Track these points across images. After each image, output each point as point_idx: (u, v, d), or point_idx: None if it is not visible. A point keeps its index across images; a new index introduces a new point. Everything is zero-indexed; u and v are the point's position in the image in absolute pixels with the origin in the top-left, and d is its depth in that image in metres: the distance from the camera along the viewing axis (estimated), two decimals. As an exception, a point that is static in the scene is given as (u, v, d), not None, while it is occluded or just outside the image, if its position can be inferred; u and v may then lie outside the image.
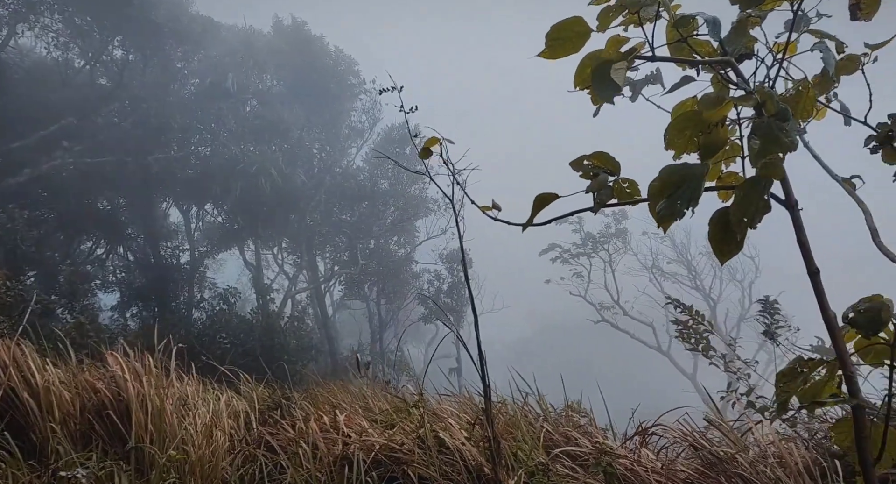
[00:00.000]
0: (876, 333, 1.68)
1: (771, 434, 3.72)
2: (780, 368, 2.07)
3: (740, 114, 1.78)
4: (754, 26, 1.77)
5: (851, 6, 1.60)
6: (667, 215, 1.78)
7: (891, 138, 1.99)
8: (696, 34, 1.76)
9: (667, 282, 31.65)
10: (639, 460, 3.31)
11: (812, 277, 1.86)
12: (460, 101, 61.06)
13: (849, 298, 1.86)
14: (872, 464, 1.61)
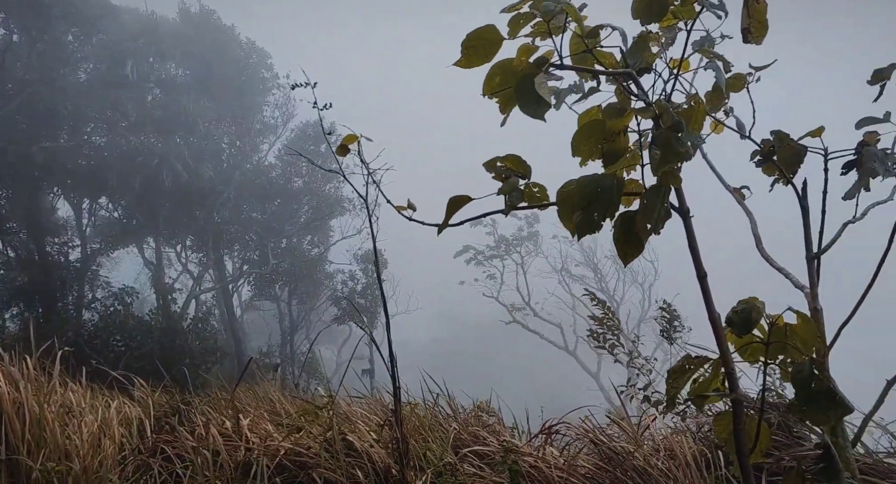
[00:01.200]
0: (748, 332, 1.81)
1: (664, 428, 3.95)
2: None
3: (640, 124, 1.87)
4: (654, 42, 1.87)
5: (743, 30, 1.72)
6: (585, 228, 1.85)
7: (772, 153, 2.16)
8: (601, 46, 1.83)
9: (575, 284, 32.93)
10: (543, 458, 3.41)
11: (700, 280, 1.98)
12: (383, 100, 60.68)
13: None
14: (747, 454, 1.74)
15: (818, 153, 2.15)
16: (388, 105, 60.19)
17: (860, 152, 2.12)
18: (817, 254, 2.18)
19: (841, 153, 2.17)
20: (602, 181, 1.83)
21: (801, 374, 1.66)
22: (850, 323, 2.22)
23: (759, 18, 1.66)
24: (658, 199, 1.80)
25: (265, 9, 60.19)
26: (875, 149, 2.13)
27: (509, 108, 2.06)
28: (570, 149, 2.01)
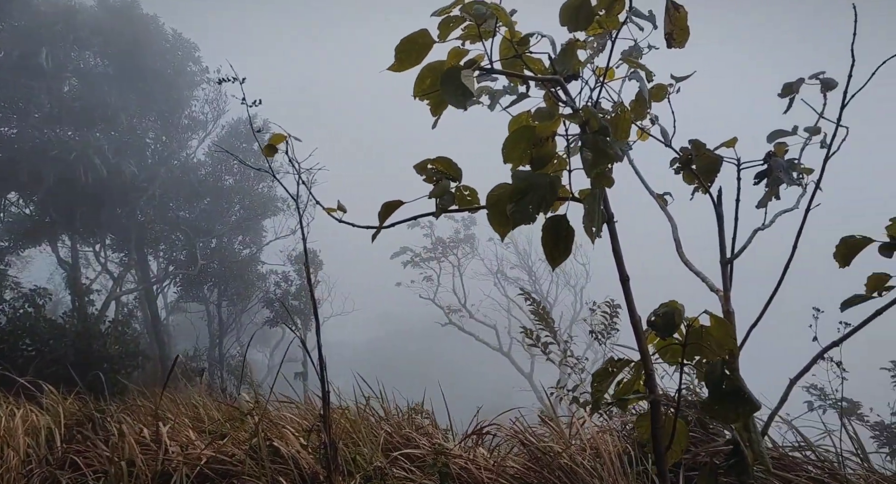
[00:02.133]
0: (671, 335, 1.88)
1: (591, 428, 4.06)
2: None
3: (568, 130, 1.91)
4: (582, 49, 1.91)
5: (666, 36, 1.79)
6: (519, 218, 1.86)
7: (690, 161, 2.25)
8: (530, 52, 1.85)
9: (510, 286, 33.47)
10: (473, 459, 3.43)
11: (623, 283, 2.04)
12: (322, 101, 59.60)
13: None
14: (664, 451, 1.80)
15: (732, 163, 2.26)
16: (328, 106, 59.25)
17: (769, 163, 2.25)
18: (730, 259, 2.29)
19: (752, 163, 2.29)
20: (536, 177, 1.86)
21: (713, 374, 1.73)
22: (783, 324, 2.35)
23: (680, 25, 1.73)
24: (595, 201, 1.84)
25: (193, 1, 57.96)
26: (781, 160, 2.26)
27: (440, 110, 2.06)
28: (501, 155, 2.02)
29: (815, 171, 2.46)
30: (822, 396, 7.93)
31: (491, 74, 1.84)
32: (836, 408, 7.02)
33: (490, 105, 2.94)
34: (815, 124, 2.39)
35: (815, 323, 5.15)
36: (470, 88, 1.59)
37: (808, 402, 8.07)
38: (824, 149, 2.19)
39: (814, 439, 4.46)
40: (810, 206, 2.14)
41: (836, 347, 2.28)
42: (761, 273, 2.58)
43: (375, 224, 2.30)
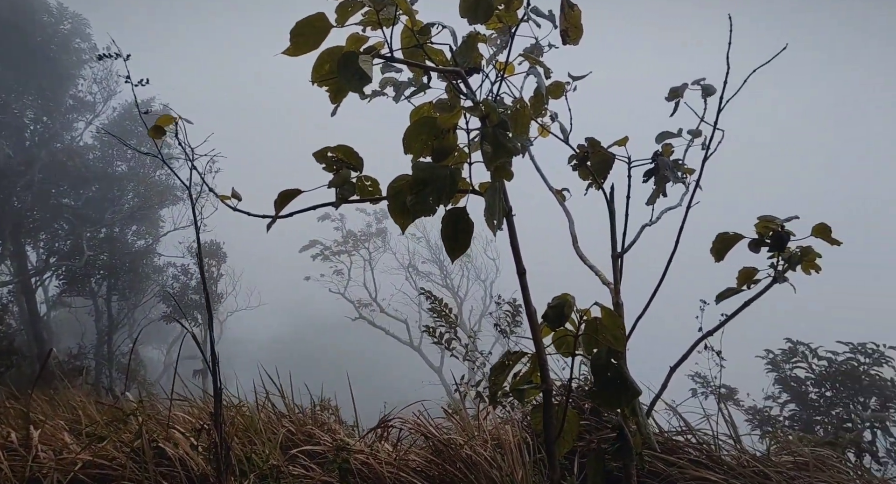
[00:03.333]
0: (561, 325, 1.94)
1: (494, 419, 4.14)
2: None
3: (469, 123, 1.92)
4: (483, 43, 1.92)
5: (561, 33, 1.83)
6: (419, 209, 1.85)
7: (586, 158, 2.34)
8: (432, 42, 1.84)
9: (421, 280, 33.62)
10: (375, 454, 3.39)
11: (519, 276, 2.09)
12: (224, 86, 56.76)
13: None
14: (554, 439, 1.86)
15: (623, 161, 2.37)
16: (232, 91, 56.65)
17: (656, 162, 2.38)
18: (620, 253, 2.40)
19: (642, 162, 2.41)
20: (437, 169, 1.86)
21: (599, 362, 1.80)
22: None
23: (574, 23, 1.78)
24: (495, 194, 1.86)
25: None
26: (667, 159, 2.40)
27: (341, 97, 2.00)
28: (402, 146, 2.00)
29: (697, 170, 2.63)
30: (704, 384, 8.57)
31: (393, 64, 1.81)
32: (715, 394, 7.61)
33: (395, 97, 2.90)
34: (697, 127, 2.55)
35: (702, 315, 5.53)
36: (368, 73, 1.55)
37: (693, 389, 8.71)
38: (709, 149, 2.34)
39: (695, 424, 4.80)
40: (690, 203, 2.28)
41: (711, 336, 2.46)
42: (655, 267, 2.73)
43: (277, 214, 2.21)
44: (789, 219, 2.19)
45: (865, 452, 5.37)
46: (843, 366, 6.92)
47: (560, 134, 2.71)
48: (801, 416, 7.42)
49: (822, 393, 7.15)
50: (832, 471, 3.95)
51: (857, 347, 6.92)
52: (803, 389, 7.47)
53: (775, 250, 2.22)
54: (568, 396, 1.98)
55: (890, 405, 6.56)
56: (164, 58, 49.84)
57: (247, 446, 3.46)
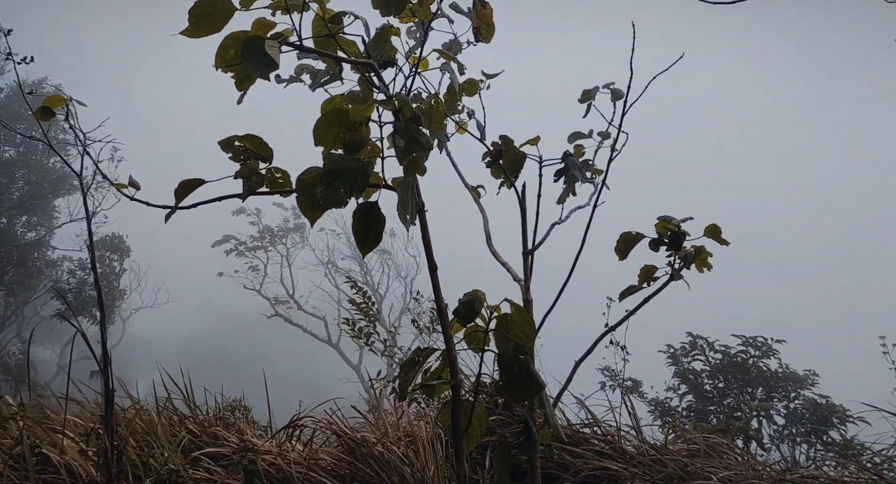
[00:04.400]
0: (471, 321, 1.96)
1: (408, 416, 4.14)
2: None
3: (382, 117, 1.89)
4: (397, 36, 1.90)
5: (474, 30, 1.84)
6: (330, 200, 1.80)
7: (499, 157, 2.37)
8: (344, 32, 1.80)
9: (341, 277, 33.11)
10: (284, 454, 3.30)
11: (431, 272, 2.09)
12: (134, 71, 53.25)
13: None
14: (462, 434, 1.88)
15: (535, 160, 2.43)
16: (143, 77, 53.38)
17: (566, 161, 2.45)
18: (531, 250, 2.46)
19: (552, 161, 2.48)
20: (349, 161, 1.82)
21: (506, 357, 1.83)
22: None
23: (486, 21, 1.80)
24: (408, 189, 1.85)
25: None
26: (576, 159, 2.48)
27: (247, 84, 1.92)
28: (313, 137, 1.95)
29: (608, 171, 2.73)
30: (612, 377, 8.96)
31: (302, 52, 1.75)
32: (622, 387, 7.98)
33: (311, 85, 2.83)
34: (606, 130, 2.65)
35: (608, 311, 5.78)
36: (275, 60, 1.49)
37: (602, 382, 9.09)
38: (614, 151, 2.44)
39: (602, 416, 5.01)
40: (597, 203, 2.37)
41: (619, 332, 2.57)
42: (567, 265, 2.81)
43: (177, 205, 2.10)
44: (685, 220, 2.31)
45: (752, 438, 5.81)
46: (736, 358, 7.45)
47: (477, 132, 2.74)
48: (697, 406, 7.91)
49: (715, 384, 7.66)
50: (721, 457, 4.23)
51: (748, 340, 7.47)
52: (700, 381, 7.96)
53: (672, 249, 2.34)
54: (476, 391, 2.01)
55: (774, 395, 7.13)
56: (71, 39, 46.32)
57: (144, 450, 3.27)
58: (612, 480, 3.76)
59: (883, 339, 6.38)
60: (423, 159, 1.80)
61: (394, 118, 1.82)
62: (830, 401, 6.71)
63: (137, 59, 52.76)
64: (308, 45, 1.75)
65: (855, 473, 3.89)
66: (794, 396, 7.07)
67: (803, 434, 6.54)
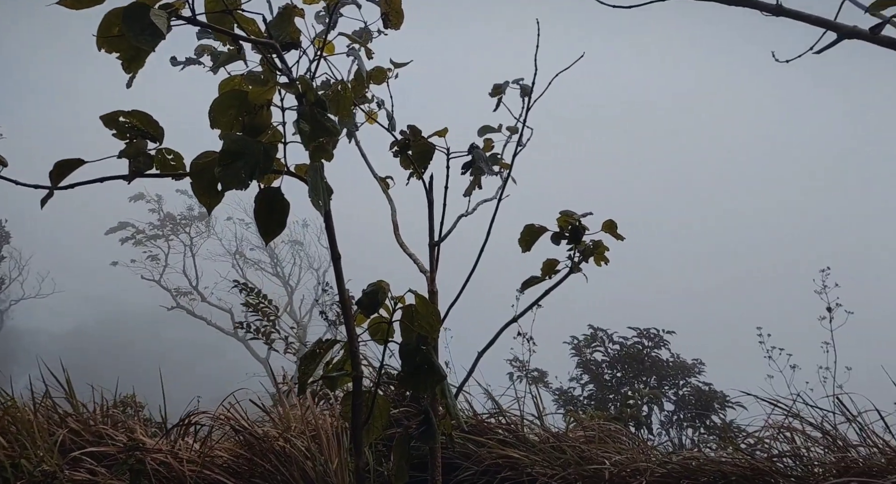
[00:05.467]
0: (375, 312, 1.94)
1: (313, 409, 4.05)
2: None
3: (284, 101, 1.82)
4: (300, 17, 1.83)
5: (383, 16, 1.81)
6: (229, 181, 1.70)
7: (407, 147, 2.36)
8: (243, 9, 1.71)
9: (250, 268, 31.94)
10: (175, 452, 3.14)
11: (334, 262, 2.04)
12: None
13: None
14: (361, 427, 1.86)
15: (443, 152, 2.43)
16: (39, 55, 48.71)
17: (473, 154, 2.48)
18: (437, 242, 2.47)
19: (460, 154, 2.50)
20: (250, 143, 1.74)
21: (408, 348, 1.83)
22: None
23: (395, 7, 1.78)
24: (317, 175, 1.79)
25: None
26: (482, 152, 2.52)
27: (136, 65, 1.78)
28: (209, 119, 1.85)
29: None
30: (520, 368, 9.24)
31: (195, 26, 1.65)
32: (528, 377, 8.24)
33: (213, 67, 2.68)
34: (515, 124, 2.71)
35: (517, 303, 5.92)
36: (161, 29, 1.39)
37: (510, 373, 9.35)
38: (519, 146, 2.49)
39: (508, 405, 5.15)
40: (501, 196, 2.42)
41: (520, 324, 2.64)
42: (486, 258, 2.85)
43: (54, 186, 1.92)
44: (585, 215, 2.40)
45: (643, 424, 6.18)
46: (632, 349, 7.89)
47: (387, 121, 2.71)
48: (597, 395, 8.32)
49: (614, 374, 8.08)
50: (615, 442, 4.47)
51: (643, 332, 7.94)
52: (600, 370, 8.37)
53: (573, 243, 2.43)
54: (378, 383, 1.99)
55: (665, 383, 7.62)
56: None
57: (17, 451, 3.00)
58: (513, 467, 3.87)
59: (759, 329, 6.96)
60: (330, 145, 1.75)
61: (298, 103, 1.76)
62: (713, 388, 7.26)
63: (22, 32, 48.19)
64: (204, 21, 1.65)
65: (731, 453, 4.22)
66: (682, 383, 7.59)
67: (689, 419, 7.04)
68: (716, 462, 3.78)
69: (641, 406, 6.63)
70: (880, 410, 3.98)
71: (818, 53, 1.59)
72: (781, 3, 1.59)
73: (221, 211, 29.08)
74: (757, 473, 3.49)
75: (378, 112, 2.75)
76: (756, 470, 3.52)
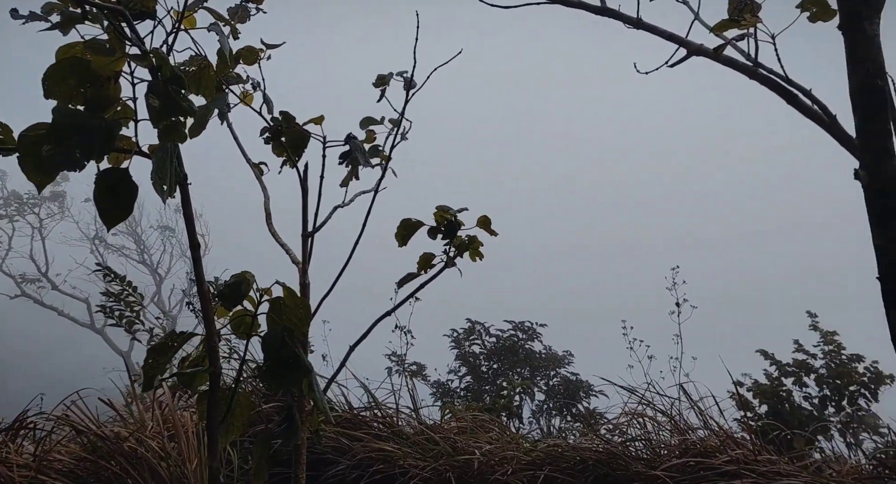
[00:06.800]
0: (237, 305, 1.84)
1: (171, 406, 3.79)
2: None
3: (134, 72, 1.66)
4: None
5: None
6: (60, 161, 1.52)
7: (280, 133, 2.25)
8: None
9: (111, 254, 29.31)
10: (4, 457, 2.79)
11: (193, 250, 1.91)
12: None
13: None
14: (216, 425, 1.75)
15: (319, 140, 2.35)
16: None
17: (350, 144, 2.42)
18: (311, 233, 2.39)
19: (336, 143, 2.43)
20: (86, 119, 1.56)
21: (272, 342, 1.75)
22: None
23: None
24: (166, 158, 1.64)
25: None
26: (358, 142, 2.47)
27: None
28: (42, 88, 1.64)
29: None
30: (399, 362, 9.28)
31: None
32: (407, 371, 8.29)
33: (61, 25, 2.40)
34: (398, 117, 2.68)
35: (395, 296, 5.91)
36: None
37: (389, 367, 9.36)
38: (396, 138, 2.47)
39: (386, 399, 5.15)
40: (378, 188, 2.39)
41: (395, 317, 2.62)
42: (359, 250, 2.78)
43: None
44: (461, 210, 2.43)
45: (514, 414, 6.45)
46: (507, 342, 8.19)
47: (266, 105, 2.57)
48: (474, 386, 8.55)
49: (490, 366, 8.35)
50: (487, 433, 4.62)
51: (518, 325, 8.27)
52: (478, 363, 8.61)
53: (448, 238, 2.45)
54: (238, 379, 1.89)
55: (537, 374, 8.00)
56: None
57: None
58: (386, 460, 3.87)
59: (624, 322, 7.50)
60: (184, 125, 1.62)
61: (152, 77, 1.61)
62: (580, 378, 7.73)
63: None
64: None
65: (592, 439, 4.52)
66: (553, 374, 8.01)
67: (557, 408, 7.45)
68: (576, 448, 4.02)
69: (514, 397, 6.91)
70: (716, 397, 4.44)
71: (671, 67, 1.70)
72: (641, 17, 1.68)
73: (78, 191, 26.47)
74: (612, 457, 3.75)
75: (254, 94, 2.60)
76: (611, 454, 3.78)
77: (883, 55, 1.58)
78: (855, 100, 1.63)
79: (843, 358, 5.36)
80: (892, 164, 1.59)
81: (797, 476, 3.20)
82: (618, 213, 30.88)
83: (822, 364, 5.41)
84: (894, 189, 1.59)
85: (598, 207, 31.32)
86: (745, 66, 1.77)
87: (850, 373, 5.22)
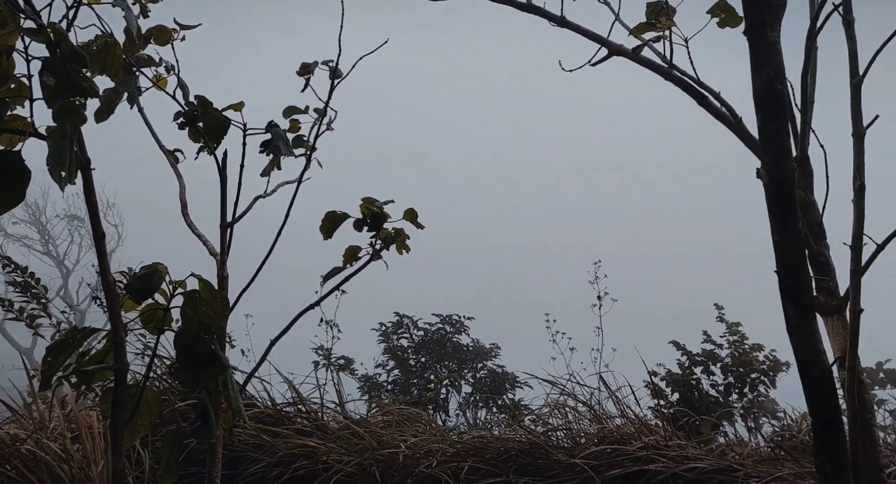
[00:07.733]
0: (147, 298, 1.74)
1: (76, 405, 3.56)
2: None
3: (28, 47, 1.53)
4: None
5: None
6: None
7: (196, 119, 2.14)
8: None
9: (13, 245, 27.17)
10: None
11: (97, 241, 1.80)
12: None
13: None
14: (122, 425, 1.66)
15: (239, 127, 2.26)
16: None
17: (271, 133, 2.35)
18: (230, 223, 2.30)
19: (257, 131, 2.34)
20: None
21: (186, 338, 1.67)
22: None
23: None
24: (65, 141, 1.52)
25: None
26: (280, 130, 2.39)
27: None
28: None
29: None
30: (325, 356, 9.13)
31: None
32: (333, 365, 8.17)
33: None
34: (323, 107, 2.62)
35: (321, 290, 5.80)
36: None
37: (315, 362, 9.19)
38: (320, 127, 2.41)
39: (309, 394, 5.06)
40: (301, 178, 2.33)
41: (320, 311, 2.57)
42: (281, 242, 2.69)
43: None
44: (387, 202, 2.41)
45: (441, 407, 6.50)
46: (435, 335, 8.23)
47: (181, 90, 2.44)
48: (402, 380, 8.54)
49: (418, 359, 8.36)
50: (414, 426, 4.63)
51: (445, 318, 8.32)
52: (406, 356, 8.60)
53: (374, 230, 2.43)
54: (147, 377, 1.79)
55: (464, 366, 8.08)
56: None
57: None
58: (309, 456, 3.80)
59: (547, 315, 7.69)
60: (84, 107, 1.51)
61: (49, 53, 1.49)
62: (506, 370, 7.88)
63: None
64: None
65: (516, 430, 4.62)
66: (480, 366, 8.12)
67: (483, 400, 7.56)
68: (500, 439, 4.10)
69: (440, 389, 6.96)
70: (633, 386, 4.64)
71: (593, 66, 1.75)
72: (566, 16, 1.71)
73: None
74: (534, 447, 3.85)
75: (167, 79, 2.47)
76: (534, 444, 3.88)
77: (783, 61, 1.69)
78: (757, 102, 1.73)
79: (745, 347, 5.73)
80: (790, 163, 1.70)
81: (703, 459, 3.40)
82: (543, 208, 31.69)
83: (727, 353, 5.76)
84: (791, 188, 1.70)
85: (525, 203, 31.99)
86: (661, 67, 1.85)
87: (752, 361, 5.59)
